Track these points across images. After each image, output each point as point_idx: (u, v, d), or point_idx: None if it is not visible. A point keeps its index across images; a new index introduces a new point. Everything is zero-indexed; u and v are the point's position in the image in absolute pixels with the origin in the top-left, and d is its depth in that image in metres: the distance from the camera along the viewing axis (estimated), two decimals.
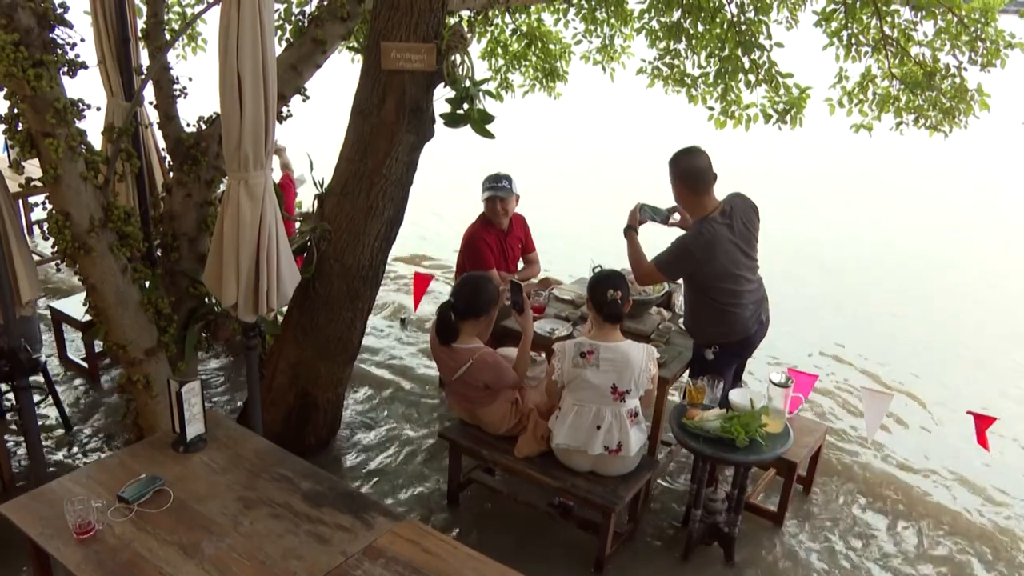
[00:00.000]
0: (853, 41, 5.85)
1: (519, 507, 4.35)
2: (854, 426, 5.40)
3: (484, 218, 5.33)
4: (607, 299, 3.76)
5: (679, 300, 4.89)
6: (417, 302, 5.67)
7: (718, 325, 4.18)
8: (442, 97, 3.99)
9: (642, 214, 4.43)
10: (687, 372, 4.46)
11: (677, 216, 4.52)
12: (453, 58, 3.88)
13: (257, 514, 2.98)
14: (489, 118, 3.94)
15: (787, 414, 3.98)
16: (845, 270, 8.68)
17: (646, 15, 6.37)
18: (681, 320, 4.64)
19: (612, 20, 6.90)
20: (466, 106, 3.89)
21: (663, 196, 4.44)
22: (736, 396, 3.95)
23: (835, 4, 5.81)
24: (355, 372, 5.33)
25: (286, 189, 5.66)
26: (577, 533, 4.19)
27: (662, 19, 6.29)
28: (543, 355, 4.65)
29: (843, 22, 5.80)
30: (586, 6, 6.80)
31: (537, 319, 4.66)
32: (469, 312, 3.99)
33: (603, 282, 3.82)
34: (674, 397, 5.14)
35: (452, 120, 3.95)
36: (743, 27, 5.86)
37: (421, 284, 5.52)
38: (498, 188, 5.21)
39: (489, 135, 3.96)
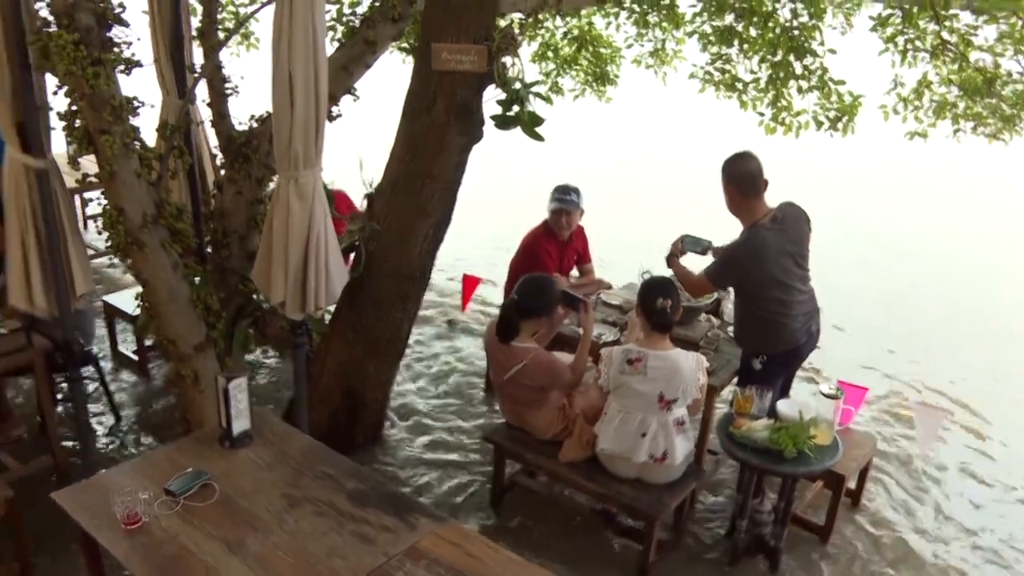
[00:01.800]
0: (909, 47, 5.72)
1: (562, 512, 4.32)
2: (906, 441, 5.28)
3: (547, 226, 5.30)
4: (656, 308, 3.72)
5: (728, 307, 4.83)
6: (466, 304, 5.67)
7: (766, 335, 4.11)
8: (492, 99, 3.98)
9: (683, 245, 4.42)
10: (735, 380, 4.40)
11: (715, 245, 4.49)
12: (504, 60, 3.87)
13: (302, 512, 2.99)
14: (539, 120, 3.91)
15: (837, 426, 3.91)
16: (899, 280, 8.50)
17: (698, 19, 6.30)
18: (730, 328, 4.57)
19: (664, 24, 6.82)
20: (516, 108, 3.87)
21: (711, 200, 4.39)
22: (784, 407, 3.88)
23: (892, 9, 5.69)
24: (402, 372, 5.33)
25: (341, 202, 5.54)
26: (620, 540, 4.15)
27: (714, 23, 6.21)
28: (590, 360, 4.62)
29: (899, 27, 5.68)
30: (638, 10, 6.74)
31: None
32: (532, 310, 4.01)
33: (653, 290, 3.79)
34: (721, 407, 5.07)
35: (502, 122, 3.93)
36: (796, 32, 5.77)
37: (470, 286, 5.52)
38: (566, 201, 5.19)
39: (539, 137, 3.93)
